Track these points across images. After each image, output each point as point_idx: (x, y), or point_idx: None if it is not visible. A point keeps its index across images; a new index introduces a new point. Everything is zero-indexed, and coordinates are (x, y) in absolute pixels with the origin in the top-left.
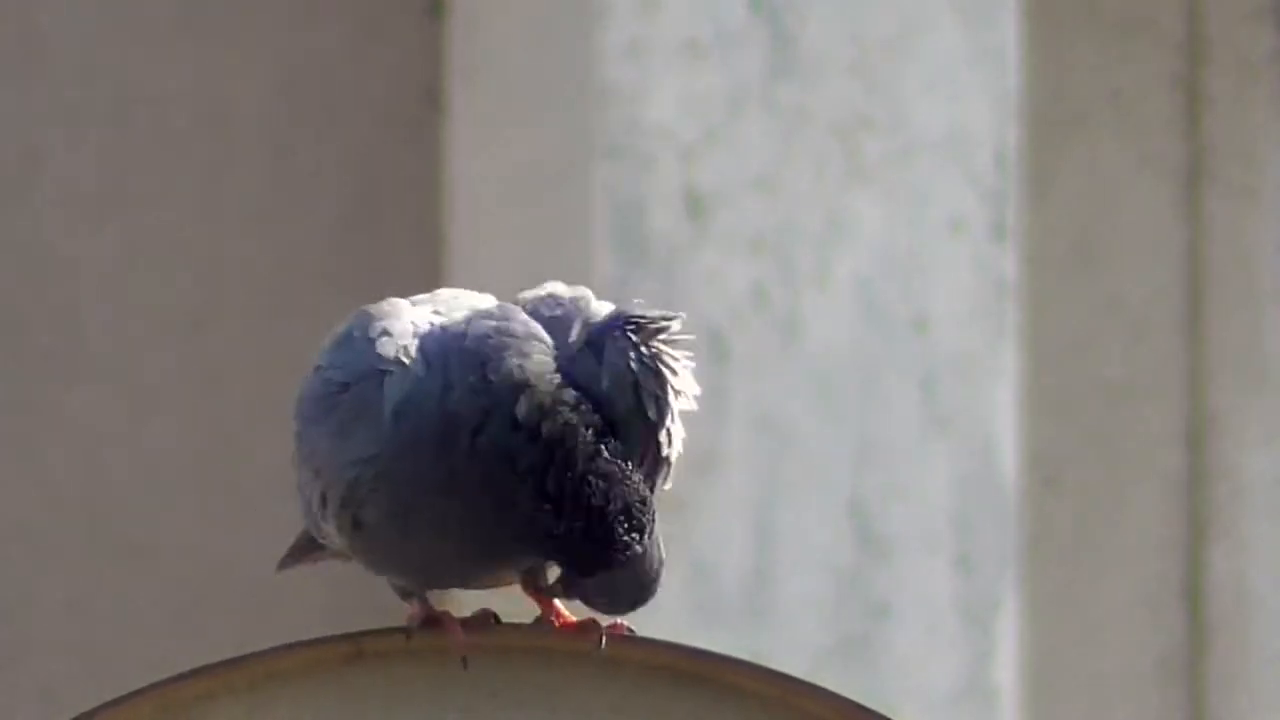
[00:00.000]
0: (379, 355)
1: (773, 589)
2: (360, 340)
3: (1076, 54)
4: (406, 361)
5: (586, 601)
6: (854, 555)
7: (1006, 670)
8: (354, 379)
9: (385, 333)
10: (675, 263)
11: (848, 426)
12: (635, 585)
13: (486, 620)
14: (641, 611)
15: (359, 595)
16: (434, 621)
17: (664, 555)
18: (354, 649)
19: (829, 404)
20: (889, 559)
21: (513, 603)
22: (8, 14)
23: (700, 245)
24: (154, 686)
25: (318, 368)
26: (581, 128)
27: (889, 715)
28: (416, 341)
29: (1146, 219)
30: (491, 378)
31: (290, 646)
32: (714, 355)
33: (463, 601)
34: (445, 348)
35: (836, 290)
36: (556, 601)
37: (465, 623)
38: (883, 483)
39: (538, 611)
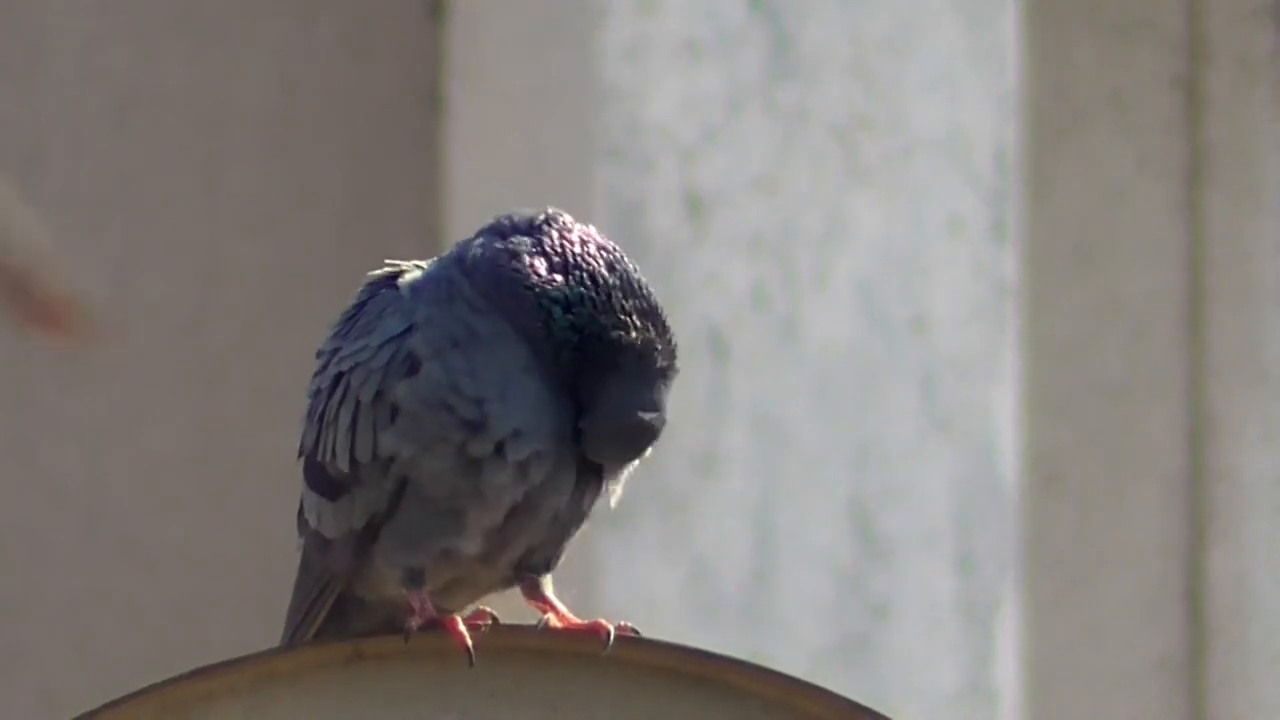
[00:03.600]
0: (386, 274)
1: (773, 589)
2: (364, 284)
3: (1076, 54)
4: (410, 269)
5: (596, 447)
6: (854, 555)
7: (1006, 670)
8: (369, 295)
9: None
10: (675, 263)
11: (848, 426)
12: (636, 427)
13: (485, 620)
14: (642, 611)
15: None
16: (433, 623)
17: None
18: (353, 650)
19: (829, 404)
20: (889, 559)
21: (512, 604)
22: (8, 15)
23: (700, 245)
24: (154, 687)
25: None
26: (581, 128)
27: (889, 715)
28: (416, 269)
29: (1146, 219)
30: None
31: (290, 647)
32: (714, 355)
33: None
34: (436, 261)
35: (836, 290)
36: (559, 604)
37: (466, 624)
38: (883, 483)
39: (538, 614)
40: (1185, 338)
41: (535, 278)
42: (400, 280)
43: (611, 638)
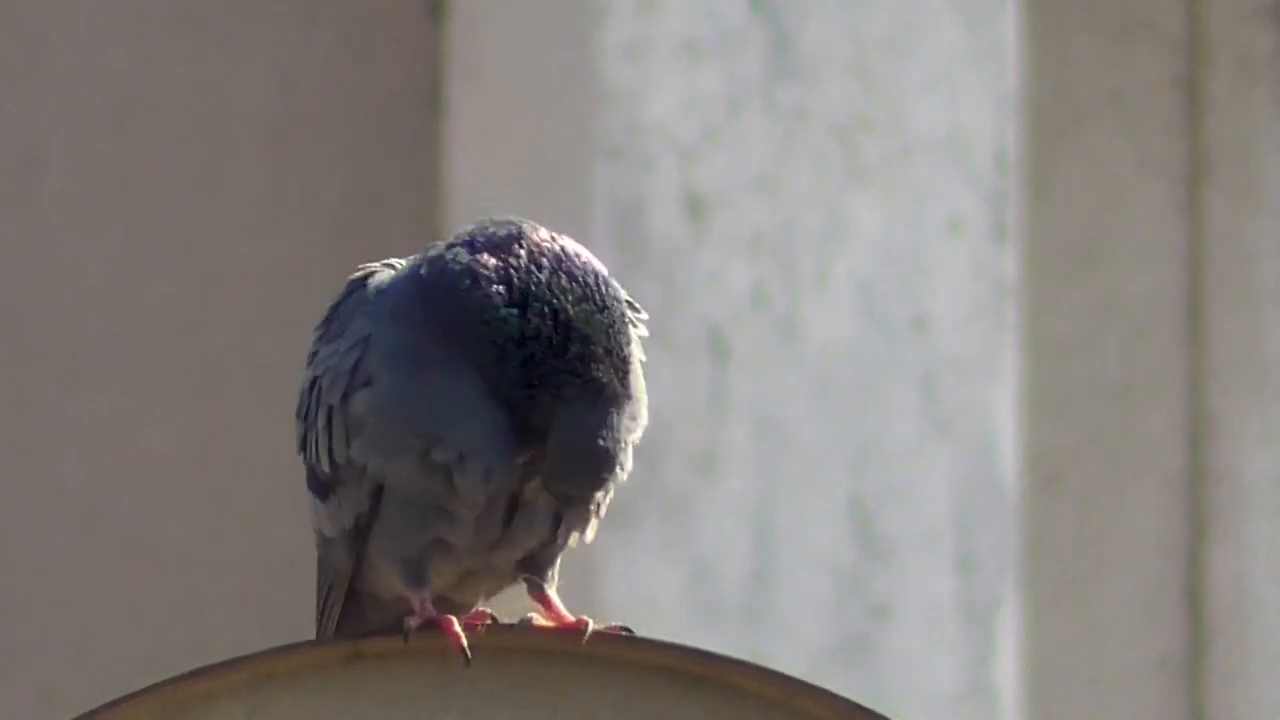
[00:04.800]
0: (365, 275)
1: (773, 589)
2: (345, 284)
3: (1076, 54)
4: (382, 270)
5: (549, 479)
6: (854, 555)
7: (1006, 670)
8: (343, 296)
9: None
10: (675, 263)
11: (848, 426)
12: (595, 452)
13: (483, 620)
14: (642, 611)
15: None
16: (433, 623)
17: (629, 451)
18: (352, 650)
19: (829, 404)
20: (889, 559)
21: (514, 604)
22: (8, 15)
23: (700, 245)
24: (154, 687)
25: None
26: (581, 128)
27: (889, 716)
28: (387, 270)
29: (1146, 219)
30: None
31: (290, 647)
32: (714, 355)
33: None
34: (408, 263)
35: (836, 290)
36: (556, 602)
37: (463, 624)
38: (883, 483)
39: (527, 611)
40: (1185, 338)
41: (490, 311)
42: (370, 281)
43: (589, 631)
